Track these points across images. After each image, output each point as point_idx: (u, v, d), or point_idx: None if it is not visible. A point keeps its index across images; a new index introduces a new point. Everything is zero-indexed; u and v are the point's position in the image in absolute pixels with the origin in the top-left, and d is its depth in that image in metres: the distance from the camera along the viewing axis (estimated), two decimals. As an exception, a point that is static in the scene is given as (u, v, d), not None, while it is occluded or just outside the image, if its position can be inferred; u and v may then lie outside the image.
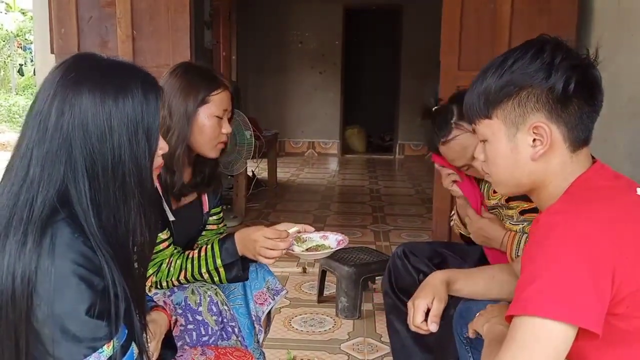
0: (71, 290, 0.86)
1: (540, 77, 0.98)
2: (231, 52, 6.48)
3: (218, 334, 1.47)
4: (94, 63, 0.96)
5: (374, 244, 3.78)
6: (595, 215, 0.91)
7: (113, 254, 0.92)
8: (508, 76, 1.00)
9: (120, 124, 0.91)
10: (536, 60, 0.99)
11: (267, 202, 5.14)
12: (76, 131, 0.90)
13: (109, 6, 3.13)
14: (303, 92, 8.20)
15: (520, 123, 1.01)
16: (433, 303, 1.30)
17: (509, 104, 1.01)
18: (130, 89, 0.93)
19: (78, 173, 0.90)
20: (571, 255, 0.87)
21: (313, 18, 7.98)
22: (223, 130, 1.55)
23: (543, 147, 1.00)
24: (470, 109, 1.08)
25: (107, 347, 0.88)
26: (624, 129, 2.38)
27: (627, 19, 2.49)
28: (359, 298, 2.64)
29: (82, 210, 0.90)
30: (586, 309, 0.86)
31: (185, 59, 3.16)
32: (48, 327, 0.85)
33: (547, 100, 0.98)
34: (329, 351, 2.33)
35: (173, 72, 1.54)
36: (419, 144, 8.09)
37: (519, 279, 0.94)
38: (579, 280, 0.86)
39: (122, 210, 0.93)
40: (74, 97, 0.90)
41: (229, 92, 1.57)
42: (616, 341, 0.92)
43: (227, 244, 1.50)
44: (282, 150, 8.09)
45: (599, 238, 0.88)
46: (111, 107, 0.91)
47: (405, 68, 7.98)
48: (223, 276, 1.51)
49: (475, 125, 1.09)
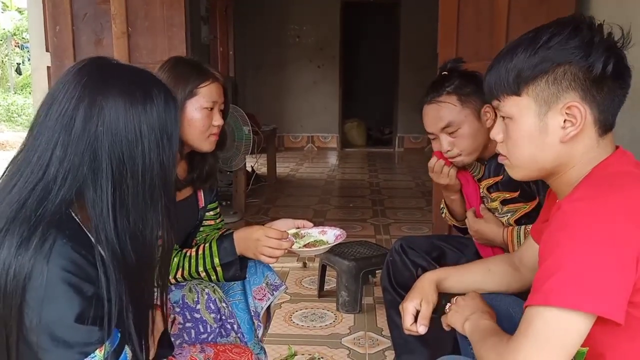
0: (60, 297, 0.85)
1: (579, 54, 0.94)
2: (228, 47, 6.45)
3: (217, 331, 1.47)
4: (117, 69, 0.97)
5: (374, 238, 3.77)
6: (620, 201, 0.89)
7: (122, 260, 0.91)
8: (544, 52, 0.95)
9: (150, 130, 0.93)
10: (575, 37, 0.95)
11: (267, 197, 5.13)
12: (105, 135, 0.90)
13: (103, 3, 3.11)
14: (302, 87, 8.18)
15: (552, 102, 0.96)
16: (421, 305, 1.29)
17: (542, 81, 0.96)
18: (154, 95, 0.95)
19: (102, 177, 0.90)
20: (596, 243, 0.85)
21: (311, 12, 7.95)
22: (214, 122, 1.53)
23: (575, 129, 0.96)
24: (496, 85, 1.02)
25: (99, 351, 0.88)
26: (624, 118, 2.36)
27: (624, 9, 2.47)
28: (360, 292, 2.64)
29: (97, 215, 0.90)
30: (610, 298, 0.85)
31: (182, 54, 3.14)
32: (37, 334, 0.85)
33: (584, 79, 0.94)
34: (330, 346, 2.32)
35: (162, 67, 1.54)
36: (419, 137, 8.07)
37: (539, 269, 0.91)
38: (604, 269, 0.84)
39: (150, 213, 0.94)
40: (103, 100, 0.90)
41: (219, 84, 1.56)
42: (630, 328, 0.90)
43: (226, 244, 1.49)
44: (281, 145, 8.08)
45: (624, 225, 0.86)
46: (140, 113, 0.92)
47: (403, 61, 7.95)
48: (220, 275, 1.50)
49: (500, 102, 1.03)
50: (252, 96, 7.88)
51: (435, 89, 1.69)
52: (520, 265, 1.31)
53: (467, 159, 1.70)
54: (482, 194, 1.76)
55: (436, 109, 1.67)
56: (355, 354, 2.27)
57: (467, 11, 2.94)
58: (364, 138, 8.72)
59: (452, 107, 1.65)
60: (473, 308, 1.17)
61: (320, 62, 8.12)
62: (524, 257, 1.29)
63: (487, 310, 1.17)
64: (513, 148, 1.03)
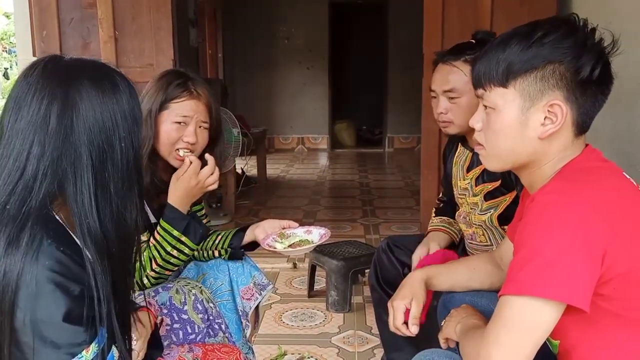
0: (47, 297, 0.86)
1: (571, 54, 0.95)
2: (217, 50, 6.45)
3: (205, 331, 1.48)
4: (78, 63, 0.98)
5: (364, 238, 3.80)
6: (589, 194, 0.92)
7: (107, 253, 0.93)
8: (537, 48, 0.97)
9: (122, 117, 0.96)
10: (570, 37, 0.96)
11: (257, 199, 5.14)
12: (82, 128, 0.92)
13: (90, 7, 3.12)
14: (291, 88, 8.19)
15: (537, 98, 0.98)
16: (412, 304, 1.29)
17: (531, 76, 0.98)
18: (119, 84, 0.98)
19: (82, 168, 0.92)
20: (566, 234, 0.88)
21: (299, 13, 7.97)
22: (184, 138, 1.51)
23: (554, 127, 0.98)
24: (485, 75, 1.03)
25: (85, 352, 0.89)
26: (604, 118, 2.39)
27: (604, 10, 2.51)
28: (349, 291, 2.66)
29: (79, 207, 0.92)
30: (578, 287, 0.88)
31: (169, 58, 3.16)
32: (26, 334, 0.86)
33: (570, 80, 0.96)
34: (319, 345, 2.34)
35: (155, 77, 1.58)
36: (408, 137, 8.11)
37: (513, 258, 0.94)
38: (574, 259, 0.87)
39: (130, 197, 0.98)
40: (76, 94, 0.93)
41: (199, 102, 1.54)
42: (601, 320, 0.93)
43: (170, 213, 1.47)
44: (271, 146, 8.08)
45: (593, 217, 0.89)
46: (113, 102, 0.95)
47: (392, 61, 7.98)
48: (189, 242, 1.48)
49: (485, 91, 1.03)
50: (242, 98, 7.88)
51: (455, 52, 1.69)
52: (502, 263, 1.34)
53: (454, 130, 1.71)
54: (465, 185, 1.77)
55: (447, 71, 1.68)
56: (345, 352, 2.29)
57: (451, 11, 2.98)
58: (354, 139, 8.75)
59: (462, 75, 1.64)
60: (465, 314, 1.19)
61: (309, 63, 8.14)
62: (503, 256, 1.32)
63: (477, 313, 1.20)
64: (492, 138, 1.05)
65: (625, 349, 0.95)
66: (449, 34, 2.97)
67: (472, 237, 1.76)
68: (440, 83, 1.70)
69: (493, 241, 1.70)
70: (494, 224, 1.68)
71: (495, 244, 1.68)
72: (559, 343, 1.00)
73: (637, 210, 0.95)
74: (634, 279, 0.91)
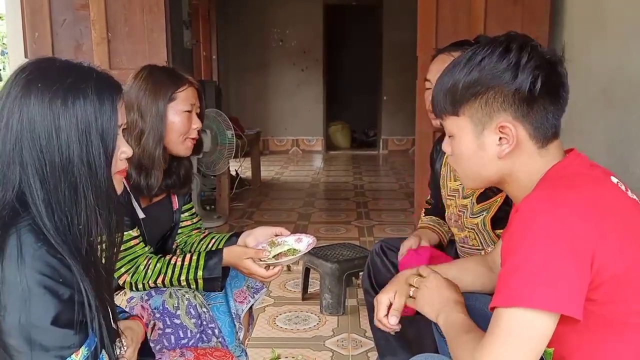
0: (36, 300, 0.85)
1: (507, 77, 0.98)
2: (211, 51, 6.44)
3: (197, 336, 1.47)
4: (49, 64, 0.97)
5: (358, 240, 3.79)
6: (575, 200, 0.91)
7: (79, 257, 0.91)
8: (476, 74, 1.00)
9: (69, 124, 0.91)
10: (503, 60, 0.99)
11: (252, 201, 5.13)
12: (25, 131, 0.91)
13: (82, 8, 3.10)
14: (285, 90, 8.18)
15: (486, 122, 1.01)
16: (395, 297, 1.28)
17: (475, 102, 1.01)
18: (81, 89, 0.93)
19: (29, 173, 0.91)
20: (553, 242, 0.88)
21: (293, 15, 7.96)
22: (193, 125, 1.58)
23: (510, 146, 1.00)
24: (437, 105, 1.08)
25: (75, 355, 0.88)
26: (598, 120, 2.41)
27: (599, 10, 2.51)
28: (343, 294, 2.65)
29: (37, 211, 0.91)
30: (569, 296, 0.87)
31: (162, 59, 3.14)
32: (14, 337, 0.85)
33: (513, 100, 0.99)
34: (313, 348, 2.33)
35: (137, 75, 1.57)
36: (403, 139, 8.12)
37: (501, 269, 0.94)
38: (562, 268, 0.87)
39: (74, 210, 0.93)
40: (23, 97, 0.91)
41: (194, 88, 1.61)
42: (593, 325, 0.92)
43: (215, 260, 1.52)
44: (266, 148, 8.07)
45: (580, 223, 0.89)
46: (59, 107, 0.91)
47: (387, 63, 7.99)
48: (201, 286, 1.53)
49: (442, 120, 1.09)
50: (236, 100, 7.87)
51: (457, 45, 1.72)
52: (494, 266, 1.33)
53: None
54: (456, 186, 1.76)
55: (445, 62, 1.66)
56: (339, 355, 2.28)
57: (444, 13, 2.99)
58: (348, 140, 8.75)
59: None
60: (444, 300, 1.16)
61: (303, 65, 8.14)
62: (496, 259, 1.31)
63: (457, 299, 1.16)
64: (459, 162, 1.09)
65: (618, 353, 0.94)
66: (443, 36, 2.98)
67: (464, 241, 1.75)
68: (437, 73, 1.69)
69: (485, 245, 1.69)
70: (486, 228, 1.67)
71: (487, 248, 1.68)
72: (553, 351, 0.99)
73: (624, 214, 0.95)
74: (624, 281, 0.91)
